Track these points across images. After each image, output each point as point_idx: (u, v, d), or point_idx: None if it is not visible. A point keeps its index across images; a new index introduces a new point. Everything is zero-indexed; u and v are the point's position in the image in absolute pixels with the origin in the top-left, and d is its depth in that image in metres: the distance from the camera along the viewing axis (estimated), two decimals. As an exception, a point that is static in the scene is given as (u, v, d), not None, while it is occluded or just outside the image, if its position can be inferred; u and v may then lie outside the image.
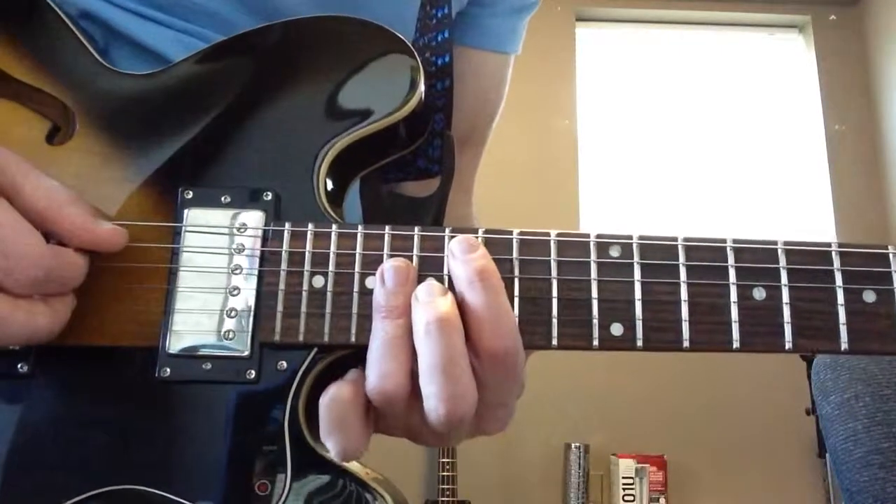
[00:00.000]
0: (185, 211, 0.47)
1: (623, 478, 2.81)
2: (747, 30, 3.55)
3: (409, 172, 0.61)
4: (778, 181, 3.34)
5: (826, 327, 0.42)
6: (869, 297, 0.43)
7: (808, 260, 0.43)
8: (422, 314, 0.39)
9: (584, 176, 3.28)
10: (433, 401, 0.39)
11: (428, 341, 0.39)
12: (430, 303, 0.40)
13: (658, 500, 2.81)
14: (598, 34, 3.52)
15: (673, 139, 3.38)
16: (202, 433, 0.44)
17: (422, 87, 0.50)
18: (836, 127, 3.34)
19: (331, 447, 0.41)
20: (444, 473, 2.66)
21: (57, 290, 0.42)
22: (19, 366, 0.44)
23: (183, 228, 0.46)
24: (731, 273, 0.43)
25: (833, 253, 0.43)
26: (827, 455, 2.41)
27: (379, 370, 0.40)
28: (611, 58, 3.50)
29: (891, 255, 0.43)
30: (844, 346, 0.42)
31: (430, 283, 0.41)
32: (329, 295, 0.44)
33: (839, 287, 0.43)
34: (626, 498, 2.80)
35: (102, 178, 0.48)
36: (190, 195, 0.47)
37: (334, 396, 0.41)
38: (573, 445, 2.85)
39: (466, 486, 2.74)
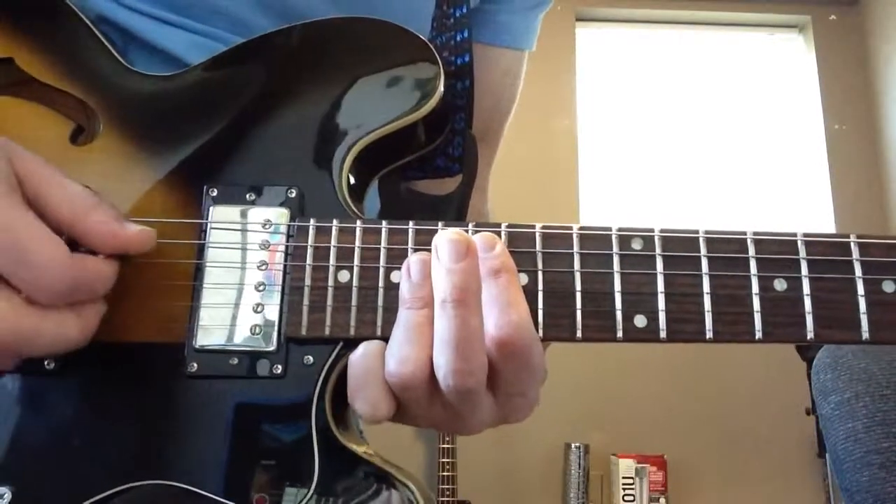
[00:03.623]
0: (210, 208, 0.47)
1: (623, 478, 2.81)
2: (747, 30, 3.55)
3: (429, 171, 0.61)
4: (778, 181, 3.34)
5: (847, 318, 0.43)
6: (889, 287, 0.43)
7: (827, 251, 0.44)
8: (442, 286, 0.40)
9: (584, 176, 3.28)
10: (441, 372, 0.40)
11: (443, 314, 0.40)
12: (452, 271, 0.41)
13: (658, 500, 2.81)
14: (598, 34, 3.52)
15: (673, 139, 3.38)
16: (229, 428, 0.44)
17: (441, 88, 0.50)
18: (836, 127, 3.34)
19: (358, 406, 0.42)
20: (444, 473, 2.66)
21: (86, 298, 0.41)
22: (46, 363, 0.44)
23: (208, 225, 0.47)
24: (752, 264, 0.43)
25: (852, 244, 0.43)
26: (827, 455, 2.41)
27: (399, 354, 0.41)
28: (611, 58, 3.50)
29: None
30: (865, 335, 0.42)
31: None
32: (355, 289, 0.44)
33: (859, 278, 0.43)
34: (626, 498, 2.80)
35: (127, 177, 0.49)
36: (215, 193, 0.48)
37: (364, 352, 0.42)
38: (573, 445, 2.85)
39: (466, 486, 2.74)
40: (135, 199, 0.48)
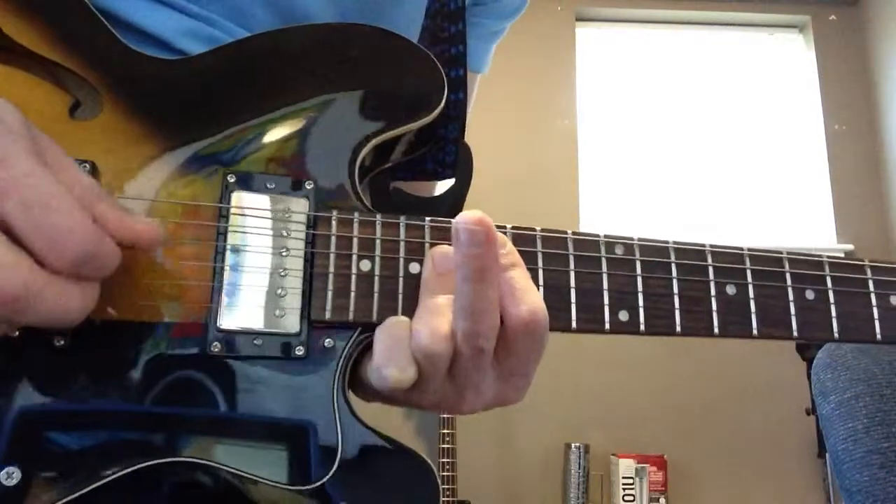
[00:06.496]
0: (232, 193, 0.48)
1: (623, 478, 2.82)
2: (747, 30, 3.55)
3: (418, 173, 0.64)
4: (778, 181, 3.34)
5: (781, 318, 0.52)
6: (810, 294, 0.53)
7: (766, 263, 0.53)
8: (463, 266, 0.43)
9: (584, 176, 3.29)
10: (461, 334, 0.43)
11: (464, 288, 0.43)
12: (471, 255, 0.43)
13: (658, 500, 2.81)
14: (598, 34, 3.53)
15: (673, 139, 3.39)
16: (251, 407, 0.45)
17: (444, 98, 0.54)
18: (836, 127, 3.34)
19: (388, 372, 0.44)
20: (444, 473, 2.66)
21: (92, 275, 0.40)
22: (56, 340, 0.44)
23: (230, 210, 0.48)
24: (711, 271, 0.52)
25: (784, 259, 0.53)
26: (827, 455, 2.41)
27: (430, 326, 0.44)
28: (611, 58, 3.51)
29: (825, 263, 0.54)
30: (795, 333, 0.52)
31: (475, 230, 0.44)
32: (377, 278, 0.47)
33: (789, 286, 0.53)
34: (626, 498, 2.81)
35: (136, 157, 0.48)
36: (233, 179, 0.49)
37: (394, 322, 0.45)
38: (573, 445, 2.86)
39: (466, 486, 2.74)
40: (146, 179, 0.48)
